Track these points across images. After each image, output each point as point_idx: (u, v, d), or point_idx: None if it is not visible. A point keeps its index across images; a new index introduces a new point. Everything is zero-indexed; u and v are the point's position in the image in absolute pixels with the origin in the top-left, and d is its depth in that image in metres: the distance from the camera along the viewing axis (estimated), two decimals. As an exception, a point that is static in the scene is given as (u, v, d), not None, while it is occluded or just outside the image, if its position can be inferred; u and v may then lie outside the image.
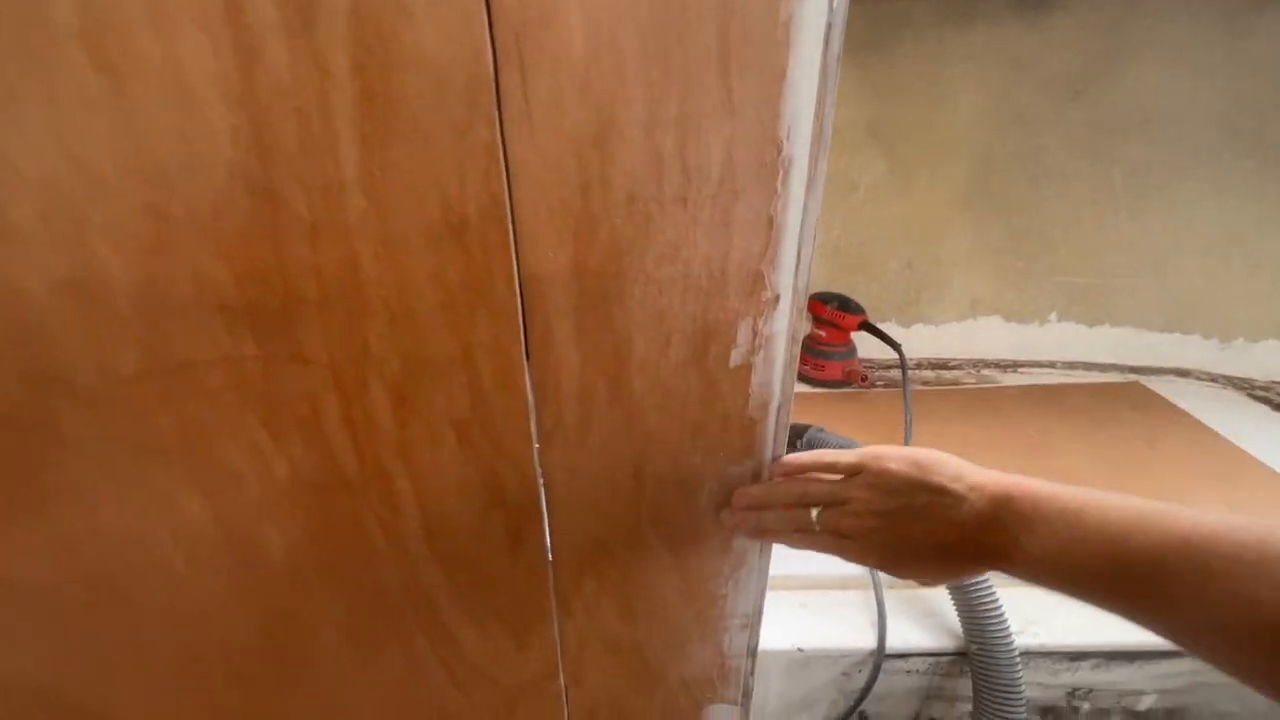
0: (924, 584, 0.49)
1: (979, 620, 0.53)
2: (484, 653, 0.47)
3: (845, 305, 0.89)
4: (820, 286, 1.01)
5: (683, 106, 0.31)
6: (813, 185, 0.34)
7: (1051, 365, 0.99)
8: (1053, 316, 1.01)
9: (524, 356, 0.36)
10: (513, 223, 0.32)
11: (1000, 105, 0.93)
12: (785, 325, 0.38)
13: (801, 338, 0.39)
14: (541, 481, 0.41)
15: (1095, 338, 1.00)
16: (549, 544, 0.44)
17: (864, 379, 0.90)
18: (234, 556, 0.39)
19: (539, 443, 0.39)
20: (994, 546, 0.33)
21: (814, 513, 0.39)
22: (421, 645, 0.46)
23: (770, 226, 0.34)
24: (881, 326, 1.03)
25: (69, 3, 0.24)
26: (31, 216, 0.28)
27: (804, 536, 0.40)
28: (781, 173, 0.33)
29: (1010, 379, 0.98)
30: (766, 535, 0.43)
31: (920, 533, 0.36)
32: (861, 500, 0.38)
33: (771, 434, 0.42)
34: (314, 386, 0.34)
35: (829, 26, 0.30)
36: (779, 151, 0.32)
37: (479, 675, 0.49)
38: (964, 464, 0.36)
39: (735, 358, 0.38)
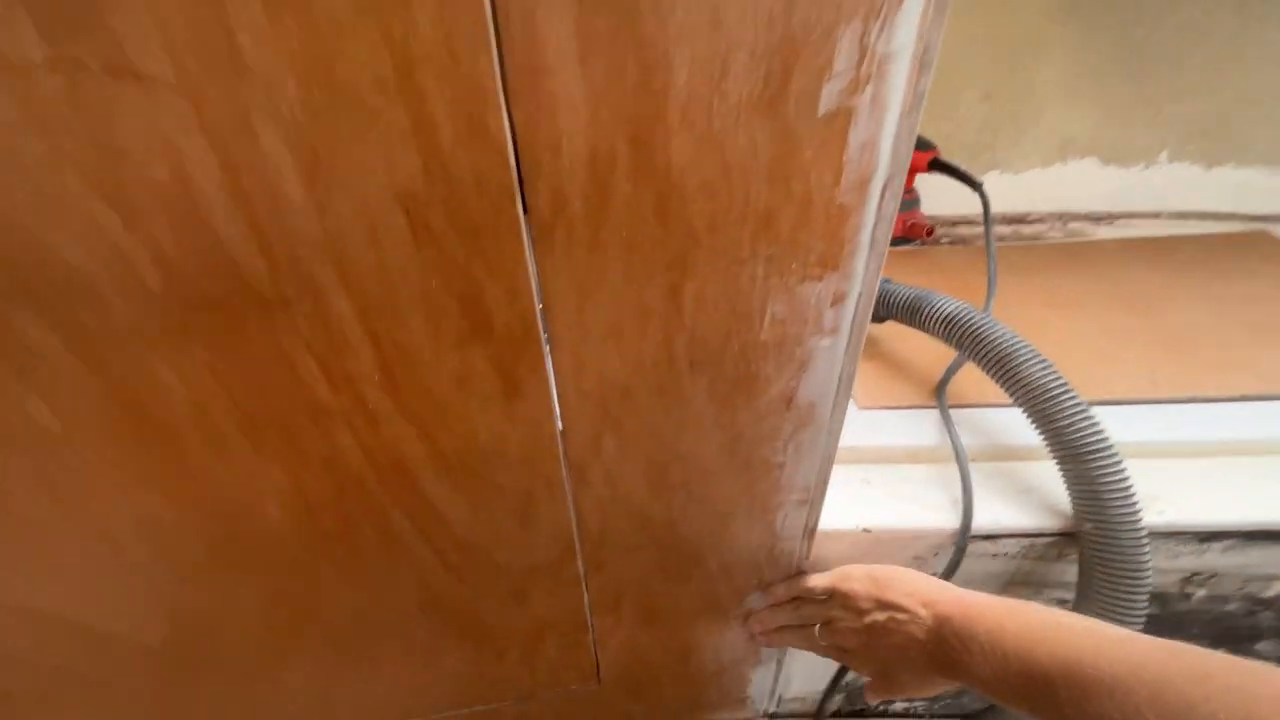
0: (912, 697, 0.49)
1: (1100, 495, 0.42)
2: (480, 530, 0.38)
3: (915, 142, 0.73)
4: (877, 127, 0.83)
5: None
6: None
7: (1156, 216, 0.83)
8: (1163, 157, 0.83)
9: (499, 82, 0.22)
10: None
11: None
12: (912, 39, 0.24)
13: (931, 71, 0.25)
14: (539, 299, 0.29)
15: (1213, 181, 0.83)
16: (554, 391, 0.32)
17: (929, 233, 0.75)
18: (115, 412, 0.28)
19: (532, 241, 0.27)
20: (948, 662, 0.35)
21: (816, 630, 0.44)
22: (399, 521, 0.37)
23: None
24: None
25: None
26: None
27: (820, 650, 0.45)
28: None
29: (1105, 232, 0.82)
30: (789, 645, 0.49)
31: (892, 647, 0.38)
32: (840, 619, 0.42)
33: (868, 234, 0.29)
34: (163, 124, 0.22)
35: None
36: None
37: (476, 556, 0.40)
38: (921, 579, 0.39)
39: (828, 96, 0.25)
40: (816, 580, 0.44)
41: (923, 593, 0.38)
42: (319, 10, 0.20)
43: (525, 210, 0.26)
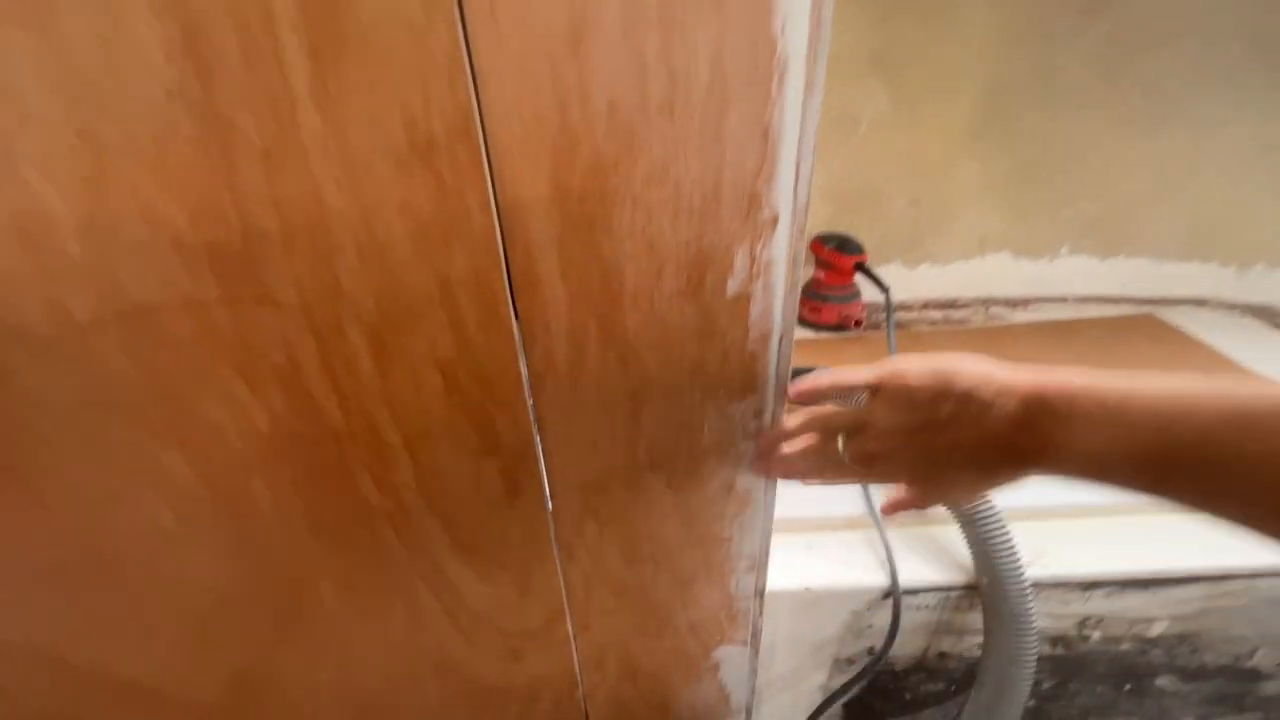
0: (957, 501, 0.47)
1: (989, 553, 0.52)
2: (487, 600, 0.47)
3: (843, 246, 0.86)
4: (821, 227, 0.97)
5: (665, 1, 0.28)
6: (811, 89, 0.31)
7: (1063, 300, 0.96)
8: (1064, 250, 0.97)
9: (508, 291, 0.34)
10: (484, 140, 0.29)
11: (1012, 24, 0.87)
12: (785, 249, 0.36)
13: (803, 261, 0.37)
14: (536, 425, 0.39)
15: (1108, 270, 0.97)
16: (547, 489, 0.42)
17: (858, 323, 0.88)
18: (223, 512, 0.38)
19: (530, 385, 0.38)
20: (1029, 448, 0.32)
21: (840, 442, 0.38)
22: (424, 595, 0.46)
23: (765, 138, 0.32)
24: (886, 267, 1.00)
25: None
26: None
27: (835, 469, 0.39)
28: (776, 75, 0.30)
29: (1020, 316, 0.95)
30: (796, 474, 0.41)
31: (949, 444, 0.34)
32: (884, 420, 0.36)
33: (773, 368, 0.40)
34: (287, 331, 0.32)
35: (826, -101, 0.27)
36: (773, 50, 0.29)
37: (483, 623, 0.48)
38: (991, 365, 0.34)
39: (732, 287, 0.36)
40: (857, 375, 0.38)
41: (996, 379, 0.33)
42: (393, 258, 0.32)
43: (526, 367, 0.37)
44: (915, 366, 0.36)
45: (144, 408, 0.33)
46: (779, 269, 0.36)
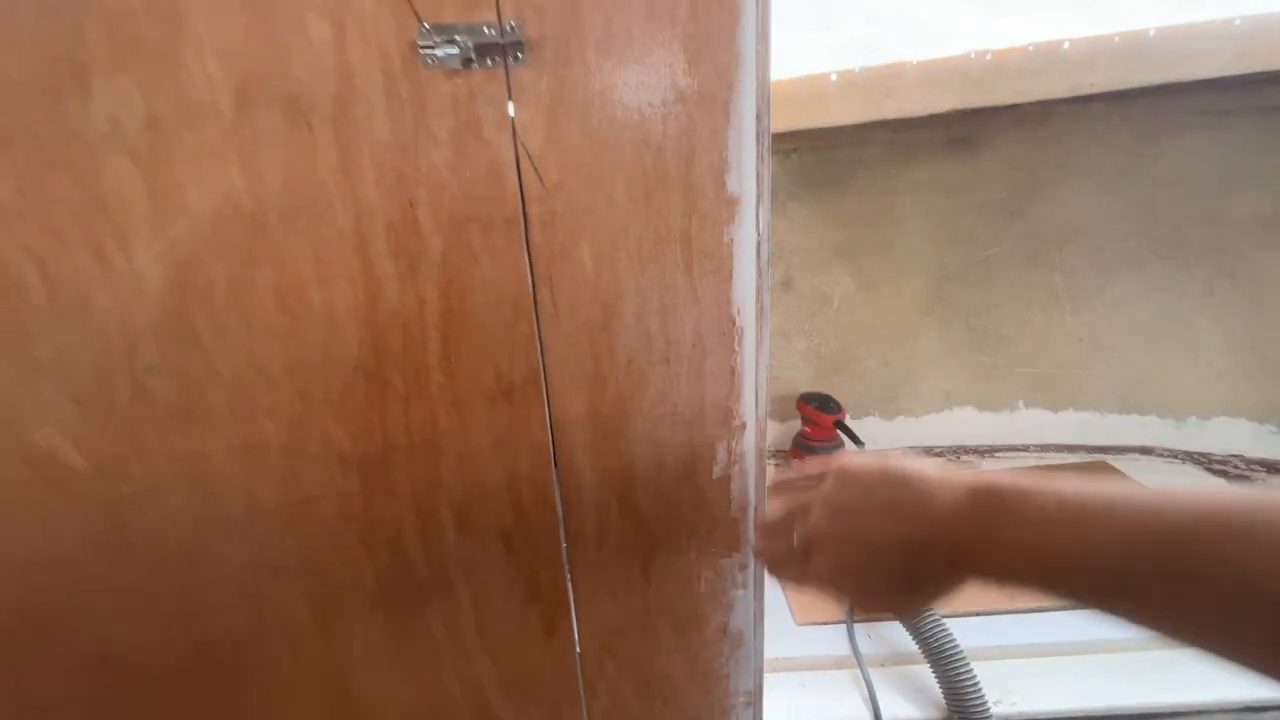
0: (894, 609, 0.46)
1: (957, 690, 0.60)
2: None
3: (825, 405, 1.01)
4: (808, 386, 1.13)
5: (662, 300, 0.44)
6: (760, 344, 0.47)
7: (1025, 449, 1.08)
8: (1020, 404, 1.11)
9: (554, 481, 0.47)
10: (546, 383, 0.45)
11: (946, 227, 1.09)
12: (752, 444, 0.49)
13: (766, 453, 0.51)
14: (569, 578, 0.51)
15: (1061, 422, 1.10)
16: (576, 633, 0.53)
17: None
18: (328, 656, 0.49)
19: (567, 547, 0.50)
20: (973, 544, 0.29)
21: (794, 535, 0.38)
22: (470, 730, 0.54)
23: (733, 375, 0.47)
24: (866, 420, 1.14)
25: (270, 272, 0.39)
26: (223, 404, 0.41)
27: (792, 566, 0.39)
28: (736, 339, 0.46)
29: (988, 463, 1.06)
30: (774, 568, 0.43)
31: (883, 532, 0.32)
32: (825, 501, 0.36)
33: (751, 531, 0.52)
34: (399, 512, 0.46)
35: (759, 243, 0.44)
36: (733, 324, 0.45)
37: (518, 757, 0.56)
38: (938, 465, 0.34)
39: (716, 471, 0.50)
40: (806, 466, 0.39)
41: (941, 473, 0.32)
42: (478, 461, 0.45)
43: (564, 535, 0.49)
44: (863, 458, 0.36)
45: (289, 570, 0.46)
46: (749, 458, 0.50)
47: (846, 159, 1.09)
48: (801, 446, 1.04)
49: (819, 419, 1.01)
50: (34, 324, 0.37)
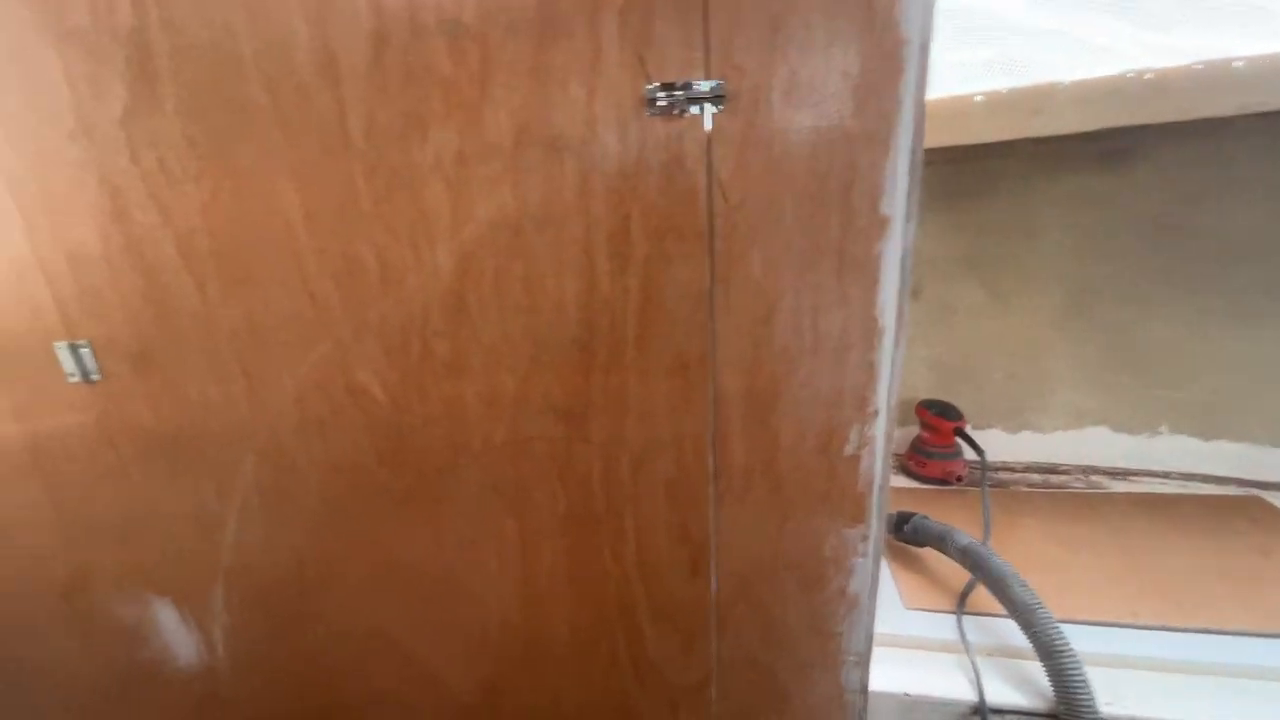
0: None
1: (1066, 686, 0.64)
2: (661, 653, 0.67)
3: (945, 412, 1.04)
4: (928, 393, 1.16)
5: (815, 300, 0.53)
6: (898, 343, 0.54)
7: (1165, 475, 1.04)
8: (1163, 429, 1.07)
9: (710, 444, 0.58)
10: (713, 364, 0.55)
11: (1089, 240, 1.07)
12: (883, 430, 0.57)
13: (894, 440, 0.58)
14: (713, 528, 0.61)
15: (1212, 451, 1.04)
16: (714, 575, 0.63)
17: (959, 479, 1.02)
18: (523, 564, 0.63)
19: (714, 501, 0.60)
20: None
21: None
22: (619, 643, 0.66)
23: (871, 368, 0.55)
24: (988, 432, 1.15)
25: (522, 265, 0.52)
26: (479, 362, 0.55)
27: None
28: (877, 337, 0.54)
29: (1120, 486, 1.04)
30: None
31: None
32: None
33: (875, 506, 0.60)
34: (591, 456, 0.59)
35: (904, 256, 0.52)
36: (875, 325, 0.54)
37: (655, 672, 0.67)
38: None
39: (849, 450, 0.58)
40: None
41: None
42: (654, 419, 0.57)
43: (714, 490, 0.60)
44: None
45: (505, 492, 0.60)
46: (879, 441, 0.57)
47: (986, 170, 1.10)
48: (919, 452, 1.08)
49: (939, 425, 1.04)
50: (369, 296, 0.53)
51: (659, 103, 0.48)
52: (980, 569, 0.73)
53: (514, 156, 0.50)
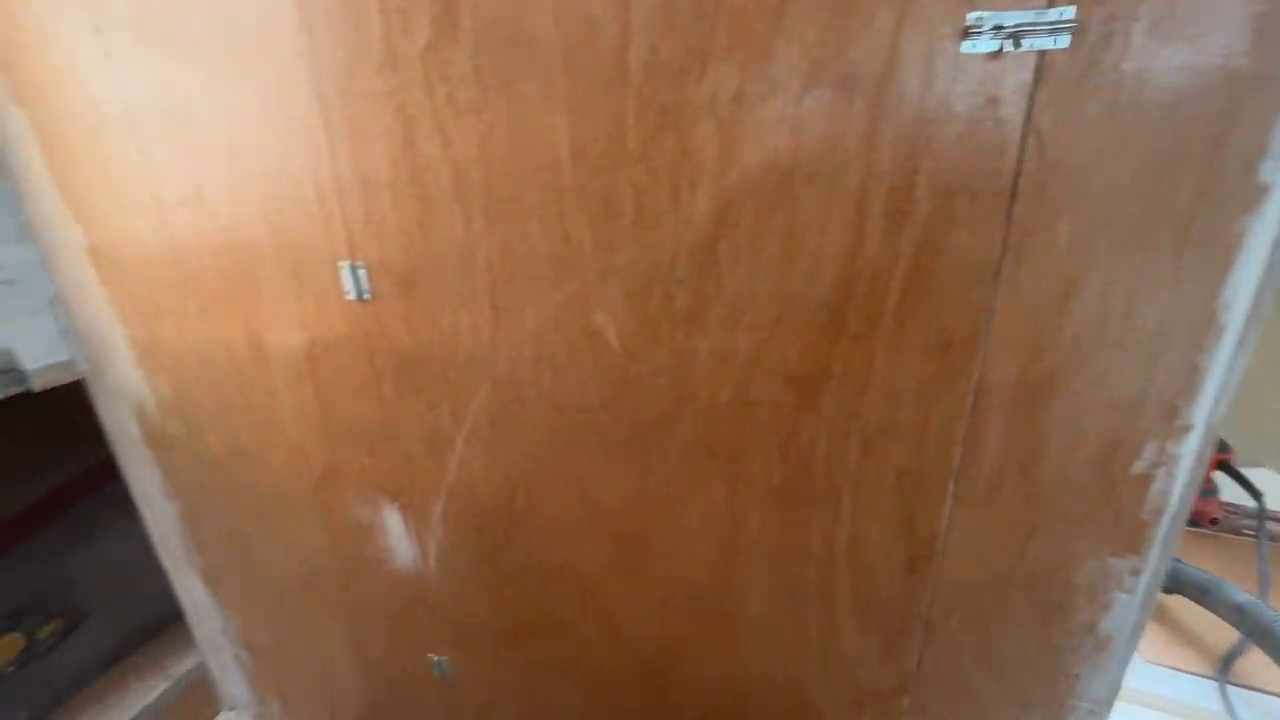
0: None
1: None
2: (856, 649, 0.62)
3: (1212, 441, 0.86)
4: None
5: (1133, 282, 0.44)
6: (1243, 345, 0.44)
7: None
8: None
9: (960, 436, 0.52)
10: (982, 347, 0.48)
11: None
12: (1194, 449, 0.47)
13: (1207, 460, 0.48)
14: (945, 528, 0.55)
15: None
16: (934, 579, 0.57)
17: (1214, 521, 0.85)
18: (724, 530, 0.61)
19: (952, 500, 0.54)
20: None
21: None
22: (811, 629, 0.63)
23: (1194, 372, 0.45)
24: (1255, 471, 0.95)
25: (782, 217, 0.49)
26: (718, 316, 0.53)
27: None
28: (1212, 335, 0.44)
29: None
30: None
31: None
32: None
33: (1160, 539, 0.50)
34: (817, 429, 0.55)
35: (1278, 237, 0.41)
36: (1213, 319, 0.44)
37: (845, 667, 0.63)
38: None
39: (1138, 468, 0.49)
40: None
41: None
42: (902, 403, 0.52)
43: (954, 486, 0.53)
44: None
45: (719, 453, 0.58)
46: (1184, 463, 0.48)
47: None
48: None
49: (1193, 454, 0.87)
50: (619, 238, 0.53)
51: (981, 35, 0.41)
52: (1262, 634, 0.60)
53: (798, 96, 0.46)
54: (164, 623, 1.05)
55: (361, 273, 0.61)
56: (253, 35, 0.55)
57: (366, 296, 0.61)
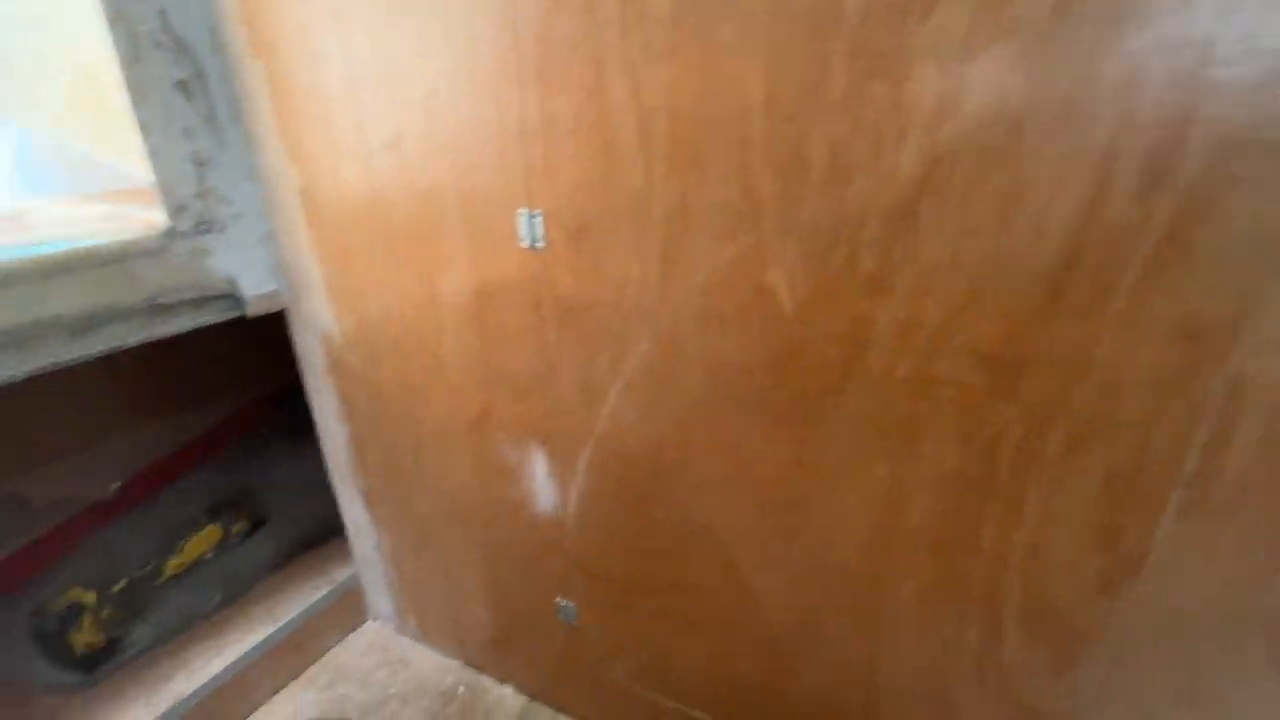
0: None
1: None
2: (1020, 662, 0.57)
3: None
4: None
5: None
6: None
7: None
8: None
9: (1199, 439, 0.44)
10: (1242, 337, 0.41)
11: None
12: None
13: None
14: (1161, 542, 0.48)
15: None
16: (1133, 598, 0.50)
17: None
18: (884, 513, 0.58)
19: (1175, 512, 0.47)
20: None
21: None
22: (970, 631, 0.58)
23: None
24: None
25: (1004, 175, 0.44)
26: (905, 282, 0.49)
27: None
28: None
29: None
30: None
31: None
32: None
33: None
34: (1009, 417, 0.49)
35: None
36: None
37: (1003, 680, 0.58)
38: None
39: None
40: None
41: None
42: (1121, 402, 0.45)
43: (1183, 494, 0.46)
44: None
45: (888, 432, 0.54)
46: None
47: None
48: None
49: None
50: (805, 193, 0.50)
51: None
52: None
53: (1045, 31, 0.40)
54: (328, 533, 1.18)
55: (538, 220, 0.62)
56: (460, -13, 0.57)
57: (540, 245, 0.63)
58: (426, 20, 0.60)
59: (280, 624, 1.00)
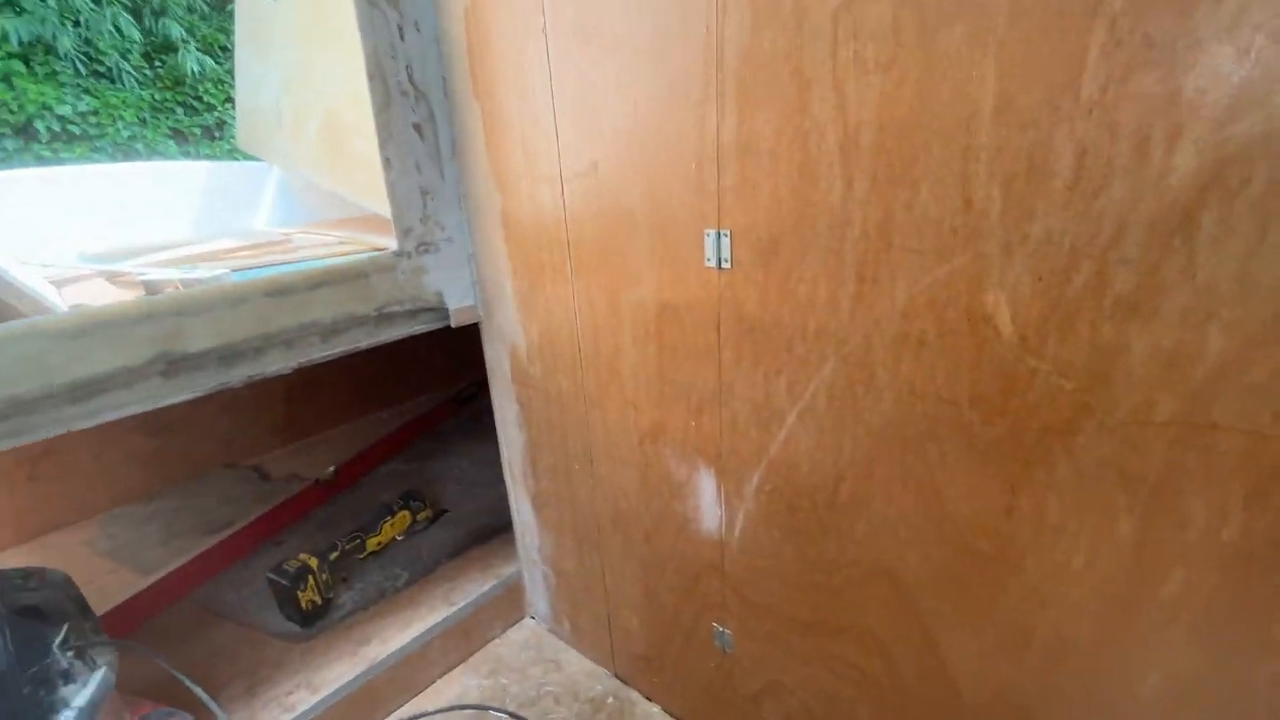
0: None
1: None
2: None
3: None
4: None
5: None
6: None
7: None
8: None
9: None
10: None
11: None
12: None
13: None
14: None
15: None
16: None
17: None
18: (1129, 579, 0.48)
19: None
20: None
21: None
22: None
23: None
24: None
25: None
26: (1175, 306, 0.41)
27: None
28: None
29: None
30: None
31: None
32: None
33: None
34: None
35: None
36: None
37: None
38: None
39: None
40: None
41: None
42: None
43: None
44: None
45: (1138, 483, 0.46)
46: None
47: None
48: None
49: None
50: (1040, 205, 0.45)
51: None
52: None
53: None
54: (498, 530, 1.28)
55: (725, 240, 0.63)
56: (667, 17, 0.60)
57: (726, 265, 0.64)
58: (629, 56, 0.64)
59: (456, 608, 1.10)
